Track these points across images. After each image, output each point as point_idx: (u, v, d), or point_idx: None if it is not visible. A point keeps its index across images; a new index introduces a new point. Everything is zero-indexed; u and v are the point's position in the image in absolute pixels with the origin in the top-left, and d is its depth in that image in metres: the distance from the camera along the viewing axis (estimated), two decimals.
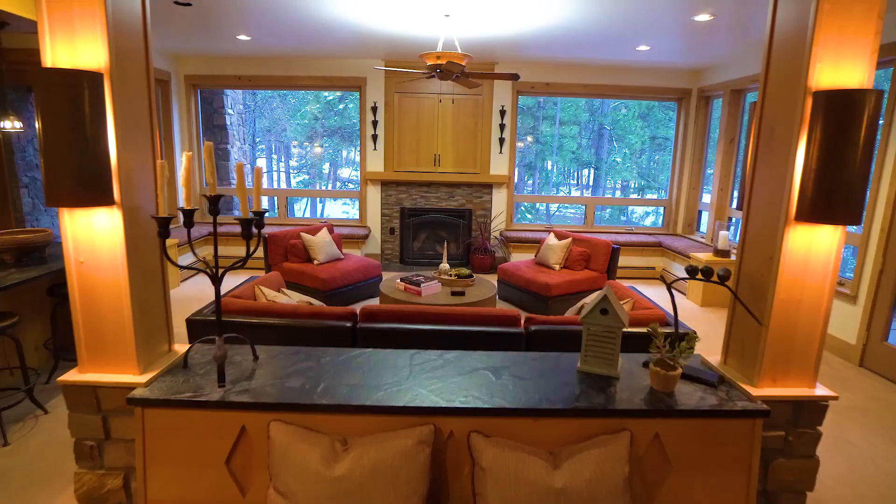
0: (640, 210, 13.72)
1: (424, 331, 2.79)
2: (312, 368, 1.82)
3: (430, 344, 2.80)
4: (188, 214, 1.66)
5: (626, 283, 6.25)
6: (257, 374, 1.77)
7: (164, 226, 1.55)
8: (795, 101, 1.56)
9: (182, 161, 6.99)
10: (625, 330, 2.86)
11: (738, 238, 6.03)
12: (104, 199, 1.55)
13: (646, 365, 1.93)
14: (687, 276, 1.83)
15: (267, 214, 8.25)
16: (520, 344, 2.82)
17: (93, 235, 1.62)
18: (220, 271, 1.67)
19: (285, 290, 3.61)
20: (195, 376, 1.75)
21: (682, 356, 1.71)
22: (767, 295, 1.68)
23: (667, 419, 1.63)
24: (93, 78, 1.48)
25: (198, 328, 2.89)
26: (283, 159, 14.00)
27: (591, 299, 3.56)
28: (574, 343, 2.84)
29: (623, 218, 13.43)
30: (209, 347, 1.98)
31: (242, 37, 5.57)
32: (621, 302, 3.30)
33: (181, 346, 1.96)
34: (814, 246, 1.63)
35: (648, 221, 13.35)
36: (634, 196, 13.98)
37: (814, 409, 1.74)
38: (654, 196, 13.54)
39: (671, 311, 3.25)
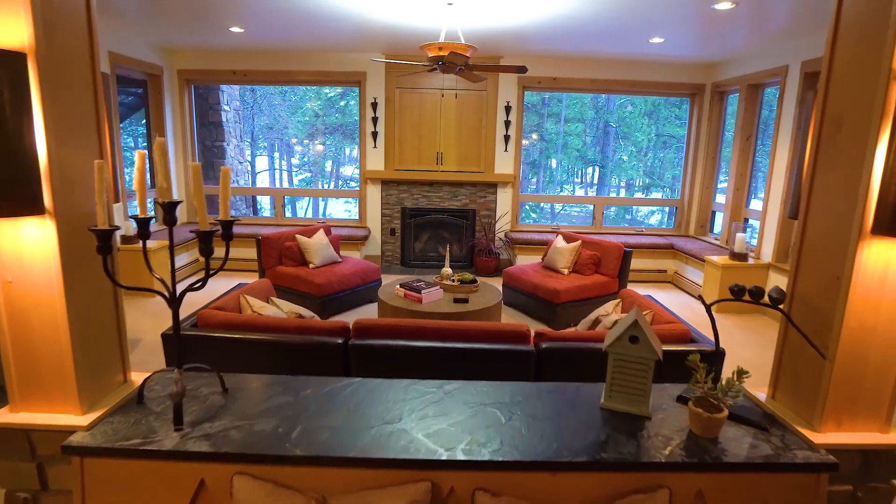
0: (644, 209, 13.43)
1: (424, 348, 2.51)
2: (289, 405, 1.55)
3: (431, 362, 2.52)
4: (142, 224, 1.39)
5: (639, 290, 5.95)
6: (224, 412, 1.50)
7: (104, 239, 1.28)
8: (874, 87, 1.27)
9: (171, 159, 6.77)
10: None
11: (755, 240, 5.73)
12: (31, 206, 1.27)
13: (681, 400, 1.65)
14: (732, 297, 1.55)
15: (265, 214, 7.92)
16: (529, 363, 2.54)
17: (21, 250, 1.35)
18: (179, 291, 1.40)
19: (275, 299, 3.34)
20: (149, 415, 1.48)
21: (729, 395, 1.43)
22: (833, 322, 1.39)
23: (713, 473, 1.35)
24: (12, 59, 1.21)
25: (174, 345, 2.62)
26: (285, 157, 13.75)
27: (606, 312, 3.28)
28: (589, 362, 2.56)
29: (628, 216, 13.14)
30: (173, 376, 1.70)
31: (235, 29, 5.29)
32: None
33: (140, 375, 1.69)
34: (893, 263, 1.35)
35: (654, 220, 13.06)
36: (640, 195, 13.67)
37: (889, 459, 1.46)
38: (660, 194, 13.24)
39: (689, 328, 2.96)
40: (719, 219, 6.87)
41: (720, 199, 6.87)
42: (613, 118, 13.24)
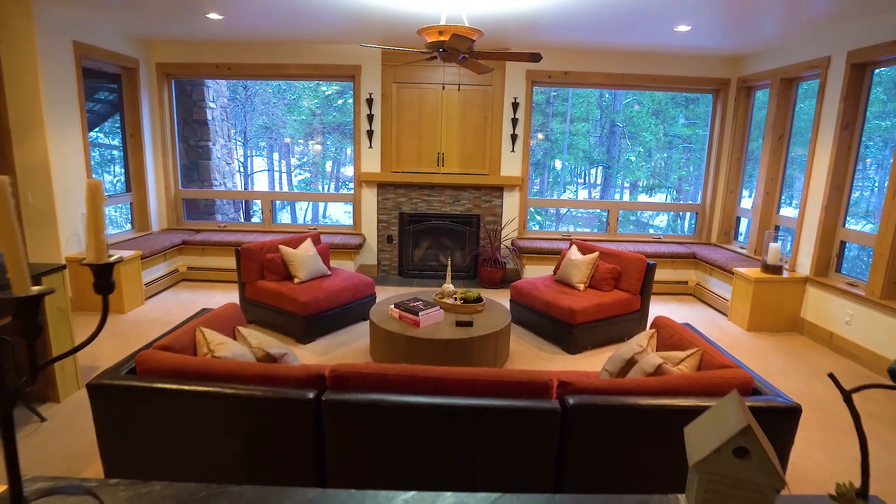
0: (649, 210, 12.91)
1: (417, 406, 1.96)
2: None
3: (425, 422, 1.97)
4: None
5: (659, 305, 5.38)
6: None
7: None
8: None
9: (149, 159, 6.02)
10: (693, 404, 2.02)
11: (789, 251, 5.14)
12: None
13: None
14: (893, 383, 0.99)
15: (256, 220, 7.34)
16: (553, 423, 1.99)
17: None
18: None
19: (242, 330, 2.79)
20: None
21: None
22: None
23: None
24: None
25: (104, 398, 2.07)
26: (284, 158, 13.24)
27: (641, 347, 2.64)
28: (630, 424, 2.01)
29: (632, 217, 12.60)
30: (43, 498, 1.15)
31: (213, 15, 4.74)
32: (686, 354, 2.46)
33: None
34: None
35: (658, 221, 12.52)
36: (644, 196, 13.11)
37: None
38: (664, 195, 12.71)
39: (751, 374, 2.39)
40: (743, 225, 6.32)
41: (745, 204, 6.31)
42: (620, 118, 12.73)
